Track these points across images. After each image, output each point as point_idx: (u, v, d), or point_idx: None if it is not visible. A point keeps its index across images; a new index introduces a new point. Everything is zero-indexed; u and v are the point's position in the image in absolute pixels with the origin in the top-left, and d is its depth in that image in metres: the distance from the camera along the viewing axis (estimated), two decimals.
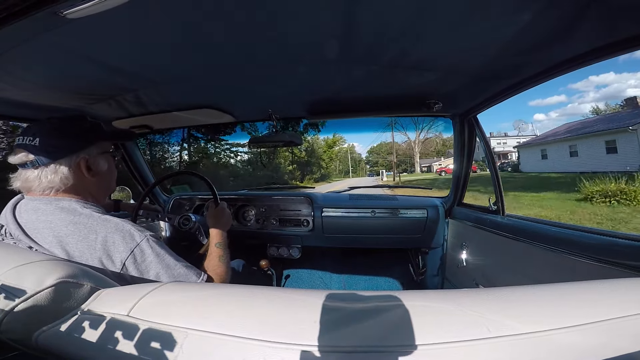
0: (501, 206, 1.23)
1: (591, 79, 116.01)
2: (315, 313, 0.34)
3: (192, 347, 0.32)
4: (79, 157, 0.70)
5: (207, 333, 0.33)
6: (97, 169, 0.74)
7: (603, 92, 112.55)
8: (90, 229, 0.63)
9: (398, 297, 0.37)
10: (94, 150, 0.73)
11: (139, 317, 0.36)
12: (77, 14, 0.50)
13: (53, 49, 0.69)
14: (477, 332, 0.31)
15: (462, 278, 1.46)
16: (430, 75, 0.99)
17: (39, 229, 0.63)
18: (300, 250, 1.80)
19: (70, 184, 0.68)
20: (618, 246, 0.73)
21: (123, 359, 0.34)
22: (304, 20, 0.66)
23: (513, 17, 0.64)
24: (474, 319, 0.33)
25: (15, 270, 0.42)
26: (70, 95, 1.05)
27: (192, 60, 0.85)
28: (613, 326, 0.32)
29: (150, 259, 0.65)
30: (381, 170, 33.11)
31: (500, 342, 0.30)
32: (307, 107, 1.36)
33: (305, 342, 0.30)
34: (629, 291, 0.40)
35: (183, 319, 0.35)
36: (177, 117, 1.37)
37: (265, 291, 0.45)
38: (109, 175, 0.79)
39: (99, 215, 0.67)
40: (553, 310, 0.35)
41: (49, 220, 0.63)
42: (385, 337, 0.32)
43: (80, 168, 0.70)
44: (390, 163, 37.34)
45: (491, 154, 1.30)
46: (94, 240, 0.62)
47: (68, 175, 0.67)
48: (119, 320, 0.37)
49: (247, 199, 1.85)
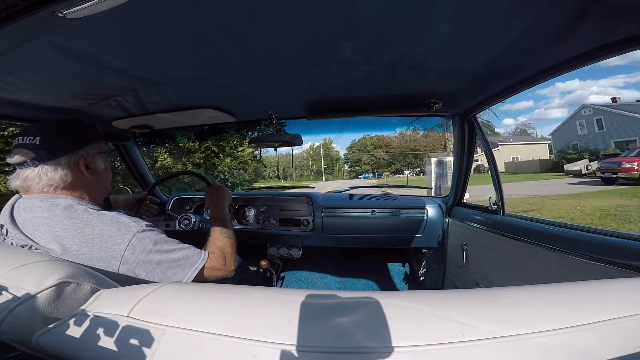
0: (501, 206, 1.23)
1: (557, 85, 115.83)
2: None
3: (192, 348, 0.32)
4: (78, 155, 0.71)
5: (207, 334, 0.33)
6: (95, 167, 0.75)
7: (567, 99, 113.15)
8: (86, 222, 0.64)
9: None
10: (91, 150, 0.75)
11: (140, 318, 0.36)
12: (77, 14, 0.50)
13: (53, 49, 0.69)
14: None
15: (463, 278, 1.46)
16: (430, 75, 0.99)
17: (35, 226, 0.63)
18: (300, 250, 1.80)
19: (69, 182, 0.69)
20: (618, 246, 0.73)
21: (123, 359, 0.34)
22: (304, 20, 0.66)
23: (513, 17, 0.64)
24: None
25: (15, 270, 0.42)
26: (70, 95, 1.05)
27: (192, 61, 0.85)
28: (604, 328, 0.32)
29: (149, 247, 0.66)
30: (367, 171, 27.08)
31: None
32: (307, 107, 1.35)
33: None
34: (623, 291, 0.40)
35: (183, 320, 0.35)
36: (177, 117, 1.37)
37: (266, 292, 0.45)
38: (106, 175, 0.81)
39: (94, 211, 0.68)
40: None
41: (45, 216, 0.64)
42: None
43: (79, 166, 0.71)
44: (379, 161, 30.41)
45: (491, 153, 1.30)
46: (91, 234, 0.62)
47: (67, 172, 0.69)
48: (119, 321, 0.37)
49: (247, 199, 1.85)
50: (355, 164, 36.76)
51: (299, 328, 0.32)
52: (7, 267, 0.43)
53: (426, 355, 0.29)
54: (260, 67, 0.92)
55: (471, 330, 0.31)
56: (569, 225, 0.94)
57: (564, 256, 0.85)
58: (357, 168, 35.92)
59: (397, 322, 0.33)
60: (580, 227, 0.89)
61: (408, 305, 0.36)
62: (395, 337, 0.31)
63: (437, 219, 1.64)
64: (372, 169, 32.49)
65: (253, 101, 1.27)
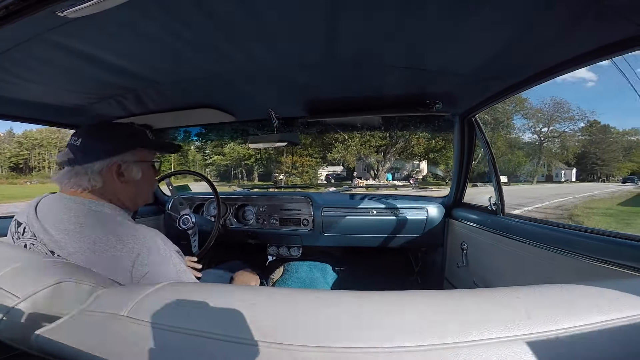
0: (501, 206, 1.24)
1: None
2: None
3: (191, 348, 0.32)
4: (112, 161, 0.70)
5: (207, 334, 0.33)
6: (130, 176, 0.73)
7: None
8: (118, 238, 0.62)
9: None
10: (130, 157, 0.72)
11: (139, 317, 0.36)
12: (77, 13, 0.50)
13: (53, 48, 0.69)
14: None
15: (462, 278, 1.47)
16: (430, 76, 0.99)
17: (69, 232, 0.61)
18: (300, 249, 1.81)
19: (99, 187, 0.69)
20: (618, 247, 0.73)
21: (123, 359, 0.34)
22: (304, 21, 0.66)
23: (513, 17, 0.64)
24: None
25: (14, 270, 0.42)
26: (70, 94, 1.05)
27: (192, 60, 0.85)
28: (610, 328, 0.32)
29: (170, 277, 0.64)
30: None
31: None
32: (307, 107, 1.36)
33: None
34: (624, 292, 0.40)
35: (183, 320, 0.35)
36: (177, 116, 1.37)
37: (266, 291, 0.45)
38: (143, 185, 0.78)
39: (126, 222, 0.66)
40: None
41: (80, 222, 0.62)
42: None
43: (111, 172, 0.70)
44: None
45: (492, 153, 1.30)
46: (121, 250, 0.60)
47: (97, 177, 0.68)
48: (118, 320, 0.37)
49: (247, 198, 1.86)
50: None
51: (300, 328, 0.32)
52: (6, 267, 0.43)
53: (426, 356, 0.29)
54: (260, 67, 0.92)
55: (471, 331, 0.31)
56: (569, 225, 0.94)
57: (564, 257, 0.85)
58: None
59: (398, 322, 0.33)
60: (580, 227, 0.89)
61: (407, 305, 0.36)
62: (396, 338, 0.31)
63: (436, 219, 1.64)
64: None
65: (253, 101, 1.27)
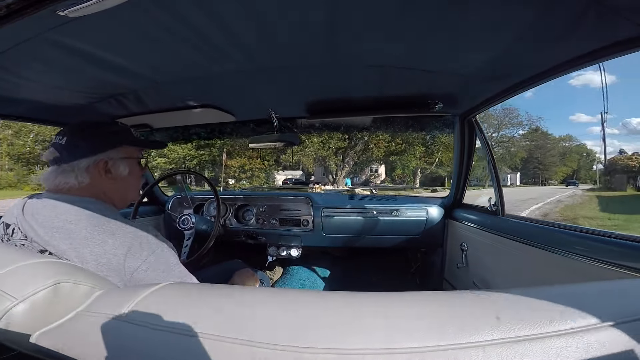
0: (501, 207, 1.24)
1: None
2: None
3: (191, 348, 0.32)
4: (99, 158, 0.70)
5: (206, 335, 0.33)
6: (117, 172, 0.73)
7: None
8: (110, 233, 0.62)
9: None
10: (116, 154, 0.73)
11: (138, 318, 0.36)
12: (78, 12, 0.50)
13: (54, 48, 0.69)
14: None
15: (461, 278, 1.47)
16: (430, 76, 0.99)
17: (58, 229, 0.61)
18: (299, 250, 1.80)
19: (86, 183, 0.69)
20: (618, 247, 0.73)
21: (122, 359, 0.34)
22: (303, 21, 0.66)
23: (513, 18, 0.64)
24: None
25: (12, 270, 0.42)
26: (71, 94, 1.05)
27: (192, 60, 0.85)
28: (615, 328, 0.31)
29: (162, 268, 0.65)
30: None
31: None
32: (307, 107, 1.36)
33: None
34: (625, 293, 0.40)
35: (182, 320, 0.35)
36: (177, 116, 1.37)
37: (266, 292, 0.44)
38: (129, 181, 0.78)
39: (116, 218, 0.66)
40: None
41: (68, 220, 0.62)
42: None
43: (98, 169, 0.71)
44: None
45: (492, 154, 1.30)
46: (112, 245, 0.61)
47: (84, 173, 0.69)
48: (117, 321, 0.36)
49: (247, 199, 1.86)
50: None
51: (299, 329, 0.32)
52: (4, 267, 0.43)
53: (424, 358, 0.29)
54: (260, 68, 0.92)
55: (471, 331, 0.31)
56: (569, 226, 0.94)
57: (564, 257, 0.85)
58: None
59: (397, 324, 0.33)
60: (580, 228, 0.89)
61: (407, 307, 0.36)
62: (395, 339, 0.31)
63: (436, 219, 1.64)
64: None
65: (253, 101, 1.27)
